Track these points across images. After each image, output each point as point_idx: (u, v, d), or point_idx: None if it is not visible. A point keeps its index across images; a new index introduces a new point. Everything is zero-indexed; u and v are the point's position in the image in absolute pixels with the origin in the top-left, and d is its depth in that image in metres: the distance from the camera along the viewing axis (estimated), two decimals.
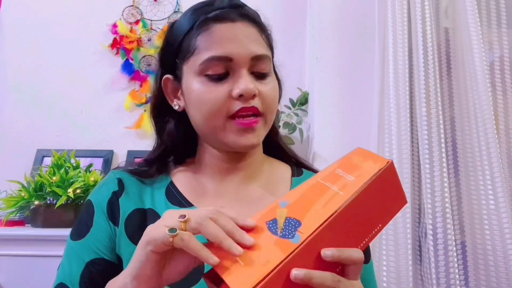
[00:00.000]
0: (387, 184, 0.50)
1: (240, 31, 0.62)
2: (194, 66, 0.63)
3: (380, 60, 1.40)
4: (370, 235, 0.48)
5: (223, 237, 0.43)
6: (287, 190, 0.71)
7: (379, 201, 0.49)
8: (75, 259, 0.63)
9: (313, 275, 0.41)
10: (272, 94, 0.64)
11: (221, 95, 0.61)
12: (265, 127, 0.65)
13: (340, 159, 0.53)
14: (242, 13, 0.64)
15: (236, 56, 0.61)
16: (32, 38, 1.87)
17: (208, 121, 0.63)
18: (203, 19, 0.63)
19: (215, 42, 0.61)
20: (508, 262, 1.17)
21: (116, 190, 0.66)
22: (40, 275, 1.34)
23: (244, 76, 0.61)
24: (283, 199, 0.49)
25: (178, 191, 0.67)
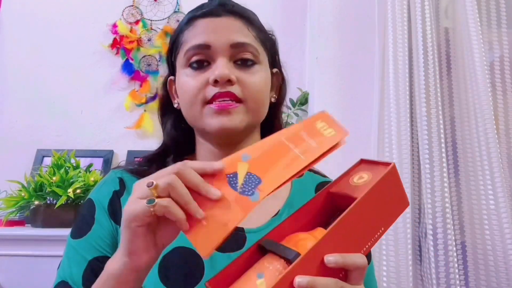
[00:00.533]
0: (389, 187, 0.50)
1: (222, 24, 0.64)
2: (181, 60, 0.65)
3: (380, 60, 1.40)
4: (373, 239, 0.48)
5: (187, 201, 0.43)
6: (287, 190, 0.71)
7: (382, 205, 0.49)
8: (76, 257, 0.62)
9: (316, 282, 0.41)
10: (256, 83, 0.64)
11: (200, 82, 0.62)
12: (247, 113, 0.63)
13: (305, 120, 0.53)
14: (229, 9, 0.66)
15: (214, 43, 0.62)
16: (32, 38, 1.87)
17: (190, 109, 0.64)
18: (190, 16, 0.67)
19: (196, 33, 0.64)
20: (508, 262, 1.17)
21: (117, 189, 0.66)
22: (40, 275, 1.34)
23: (220, 62, 0.62)
24: (245, 152, 0.48)
25: None
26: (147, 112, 1.79)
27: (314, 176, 0.76)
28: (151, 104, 1.80)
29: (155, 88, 1.81)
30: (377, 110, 1.38)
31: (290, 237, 0.48)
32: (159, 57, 1.84)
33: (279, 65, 0.74)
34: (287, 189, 0.71)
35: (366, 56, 1.48)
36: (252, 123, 0.66)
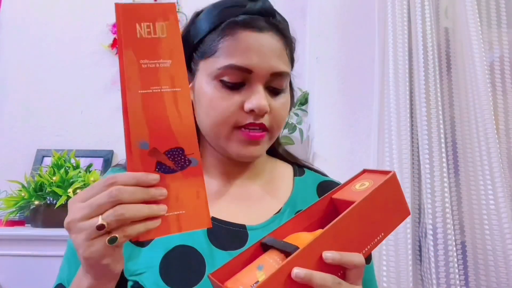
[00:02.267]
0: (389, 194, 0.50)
1: (265, 43, 0.60)
2: (211, 68, 0.61)
3: (380, 60, 1.40)
4: (372, 243, 0.49)
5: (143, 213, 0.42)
6: (289, 189, 0.71)
7: (382, 210, 0.50)
8: (74, 260, 0.62)
9: (313, 275, 0.41)
10: (283, 111, 0.64)
11: (233, 105, 0.59)
12: (269, 141, 0.64)
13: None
14: (271, 22, 0.62)
15: (257, 69, 0.59)
16: (32, 38, 1.87)
17: (215, 128, 0.61)
18: (230, 21, 0.61)
19: (238, 50, 0.59)
20: (508, 262, 1.17)
21: None
22: (40, 275, 1.34)
23: (259, 91, 0.60)
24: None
25: None
26: None
27: (315, 175, 0.76)
28: None
29: None
30: (377, 110, 1.38)
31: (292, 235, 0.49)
32: None
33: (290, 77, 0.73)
34: (289, 188, 0.71)
35: (366, 56, 1.48)
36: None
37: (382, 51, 1.39)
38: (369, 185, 0.52)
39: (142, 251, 0.61)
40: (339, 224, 0.45)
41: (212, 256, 0.59)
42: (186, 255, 0.59)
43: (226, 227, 0.63)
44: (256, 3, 0.62)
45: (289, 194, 0.70)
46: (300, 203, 0.69)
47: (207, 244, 0.60)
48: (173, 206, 0.44)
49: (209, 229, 0.61)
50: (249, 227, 0.63)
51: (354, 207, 0.46)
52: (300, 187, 0.72)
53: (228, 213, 0.64)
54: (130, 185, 0.42)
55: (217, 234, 0.62)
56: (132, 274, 0.60)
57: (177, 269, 0.58)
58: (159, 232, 0.43)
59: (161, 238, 0.59)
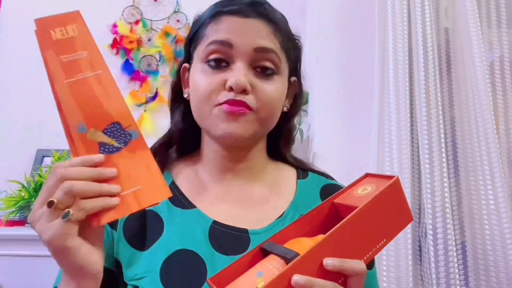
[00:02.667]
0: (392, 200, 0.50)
1: (249, 25, 0.61)
2: (199, 54, 0.63)
3: (380, 60, 1.40)
4: (374, 249, 0.48)
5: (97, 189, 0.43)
6: (292, 192, 0.70)
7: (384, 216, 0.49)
8: None
9: (314, 282, 0.41)
10: (271, 93, 0.62)
11: (215, 83, 0.60)
12: (256, 122, 0.61)
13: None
14: (258, 11, 0.62)
15: (237, 43, 0.60)
16: (32, 38, 1.86)
17: (199, 107, 0.62)
18: (217, 10, 0.63)
19: (220, 29, 0.61)
20: (508, 262, 1.17)
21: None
22: (40, 275, 1.34)
23: (239, 68, 0.59)
24: None
25: (180, 192, 0.66)
26: (147, 112, 1.79)
27: (319, 178, 0.75)
28: (151, 104, 1.80)
29: (155, 88, 1.82)
30: (377, 110, 1.38)
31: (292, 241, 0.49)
32: (159, 57, 1.84)
33: (299, 74, 0.72)
34: (292, 191, 0.70)
35: (366, 56, 1.48)
36: (259, 133, 0.64)
37: (382, 51, 1.39)
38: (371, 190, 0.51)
39: (142, 255, 0.60)
40: (341, 230, 0.45)
41: (214, 261, 0.58)
42: (187, 260, 0.58)
43: (228, 232, 0.62)
44: None
45: (292, 198, 0.69)
46: (303, 207, 0.67)
47: (208, 249, 0.59)
48: (127, 184, 0.45)
49: (211, 234, 0.61)
50: (251, 231, 0.62)
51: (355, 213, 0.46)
52: (304, 191, 0.70)
53: (230, 217, 0.63)
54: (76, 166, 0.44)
55: (219, 239, 0.61)
56: (132, 278, 0.59)
57: (178, 273, 0.57)
58: (120, 211, 0.44)
59: (161, 242, 0.60)
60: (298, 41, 0.71)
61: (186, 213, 0.63)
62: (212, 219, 0.63)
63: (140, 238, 0.61)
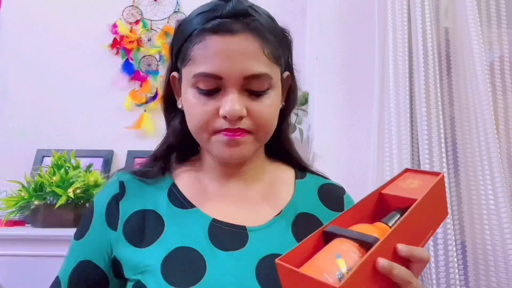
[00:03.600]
0: (438, 194, 0.54)
1: (236, 47, 0.58)
2: (188, 77, 0.61)
3: (380, 60, 1.40)
4: (425, 239, 0.52)
5: None
6: (290, 191, 0.71)
7: (432, 209, 0.53)
8: (72, 257, 0.66)
9: (394, 266, 0.43)
10: (265, 113, 0.61)
11: (208, 111, 0.60)
12: (254, 142, 0.63)
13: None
14: (245, 22, 0.59)
15: (227, 75, 0.58)
16: (32, 38, 1.87)
17: (197, 134, 0.63)
18: (200, 28, 0.59)
19: (207, 57, 0.58)
20: (508, 262, 1.17)
21: (117, 193, 0.66)
22: (40, 275, 1.34)
23: (231, 96, 0.58)
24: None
25: (180, 193, 0.67)
26: (147, 112, 1.79)
27: (316, 178, 0.76)
28: (151, 104, 1.80)
29: (155, 88, 1.82)
30: (377, 110, 1.38)
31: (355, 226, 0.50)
32: (159, 57, 1.84)
33: (292, 68, 0.71)
34: (291, 190, 0.71)
35: (366, 56, 1.48)
36: (260, 147, 0.66)
37: (382, 51, 1.39)
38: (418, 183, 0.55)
39: (143, 252, 0.61)
40: (407, 219, 0.47)
41: (213, 257, 0.60)
42: (187, 256, 0.60)
43: (227, 229, 0.63)
44: (227, 4, 0.60)
45: (290, 197, 0.70)
46: (301, 206, 0.69)
47: (208, 245, 0.61)
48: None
49: (210, 231, 0.62)
50: (250, 228, 0.63)
51: (417, 204, 0.49)
52: (302, 190, 0.72)
53: (229, 215, 0.65)
54: None
55: (218, 236, 0.62)
56: (134, 273, 0.60)
57: (178, 268, 0.59)
58: None
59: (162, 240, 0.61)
60: (287, 35, 0.68)
61: (186, 213, 0.65)
62: (211, 217, 0.64)
63: (140, 236, 0.63)
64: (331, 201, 0.72)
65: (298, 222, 0.66)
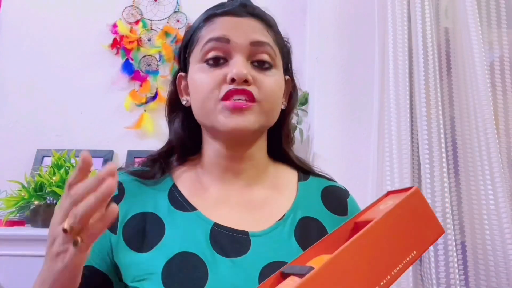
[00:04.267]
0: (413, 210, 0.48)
1: (243, 23, 0.64)
2: (196, 56, 0.64)
3: (380, 60, 1.40)
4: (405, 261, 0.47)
5: (94, 200, 0.43)
6: (292, 194, 0.69)
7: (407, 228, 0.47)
8: None
9: None
10: (272, 85, 0.63)
11: (216, 79, 0.61)
12: (260, 114, 0.62)
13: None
14: (250, 11, 0.65)
15: (234, 39, 0.62)
16: (32, 38, 1.87)
17: (202, 105, 0.63)
18: (210, 13, 0.66)
19: (215, 28, 0.63)
20: (508, 262, 1.17)
21: (116, 195, 0.64)
22: None
23: (238, 60, 0.61)
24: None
25: (181, 194, 0.65)
26: (147, 112, 1.79)
27: (320, 180, 0.74)
28: (151, 104, 1.80)
29: (155, 88, 1.82)
30: (377, 110, 1.38)
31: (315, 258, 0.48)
32: (159, 57, 1.84)
33: (291, 73, 0.74)
34: (293, 193, 0.70)
35: (366, 56, 1.48)
36: (264, 125, 0.65)
37: (382, 51, 1.39)
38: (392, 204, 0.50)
39: (143, 257, 0.60)
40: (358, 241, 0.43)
41: (215, 263, 0.58)
42: (188, 262, 0.58)
43: (229, 234, 0.61)
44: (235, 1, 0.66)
45: (293, 200, 0.68)
46: (304, 210, 0.67)
47: (209, 251, 0.59)
48: None
49: (212, 236, 0.61)
50: (252, 233, 0.62)
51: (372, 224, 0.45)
52: (304, 193, 0.70)
53: (231, 220, 0.63)
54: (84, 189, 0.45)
55: (220, 241, 0.60)
56: (133, 280, 0.59)
57: (180, 275, 0.57)
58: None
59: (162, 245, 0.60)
60: (287, 42, 0.73)
61: (187, 216, 0.63)
62: (213, 221, 0.62)
63: (140, 241, 0.61)
64: (334, 204, 0.70)
65: (301, 227, 0.65)
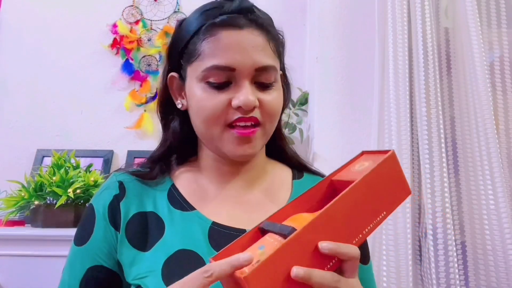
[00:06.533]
0: (389, 173, 0.50)
1: (246, 40, 0.60)
2: (197, 71, 0.62)
3: (380, 60, 1.40)
4: (374, 223, 0.48)
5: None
6: (287, 193, 0.70)
7: (382, 189, 0.49)
8: (77, 264, 0.64)
9: (312, 274, 0.41)
10: (274, 104, 0.63)
11: (221, 103, 0.60)
12: (263, 136, 0.64)
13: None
14: (251, 18, 0.62)
15: (240, 67, 0.60)
16: (32, 38, 1.87)
17: (207, 128, 0.62)
18: (210, 23, 0.61)
19: (219, 50, 0.60)
20: (508, 262, 1.17)
21: (117, 193, 0.66)
22: (40, 275, 1.34)
23: (245, 87, 0.60)
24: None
25: (180, 194, 0.67)
26: (147, 112, 1.79)
27: (314, 177, 0.76)
28: (151, 104, 1.80)
29: (155, 88, 1.82)
30: (377, 110, 1.38)
31: (292, 217, 0.49)
32: (159, 57, 1.84)
33: (284, 68, 0.73)
34: (288, 192, 0.71)
35: (366, 56, 1.48)
36: (266, 142, 0.66)
37: (382, 51, 1.39)
38: (369, 165, 0.52)
39: (145, 256, 0.61)
40: (338, 204, 0.45)
41: None
42: (187, 259, 0.59)
43: (227, 232, 0.63)
44: (233, 2, 0.63)
45: (288, 197, 0.70)
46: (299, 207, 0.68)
47: (208, 249, 0.60)
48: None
49: (210, 234, 0.62)
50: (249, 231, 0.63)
51: (352, 187, 0.46)
52: (299, 191, 0.70)
53: (229, 218, 0.64)
54: (226, 273, 0.43)
55: (218, 239, 0.61)
56: (135, 278, 0.60)
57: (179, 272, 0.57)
58: None
59: (162, 243, 0.61)
60: (282, 36, 0.70)
61: (186, 215, 0.64)
62: (211, 220, 0.64)
63: (142, 239, 0.62)
64: None
65: None
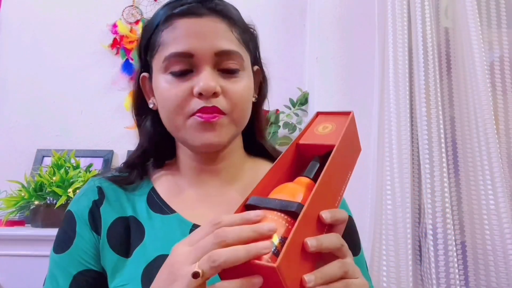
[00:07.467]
0: (351, 134, 0.53)
1: (205, 26, 0.58)
2: (159, 63, 0.60)
3: (380, 60, 1.40)
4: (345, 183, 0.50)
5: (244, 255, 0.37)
6: None
7: (348, 151, 0.52)
8: (61, 273, 0.62)
9: (321, 240, 0.41)
10: (240, 92, 0.60)
11: (183, 92, 0.58)
12: (230, 126, 0.60)
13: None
14: (210, 7, 0.60)
15: (198, 52, 0.57)
16: (32, 38, 1.87)
17: (171, 119, 0.60)
18: (168, 14, 0.60)
19: (176, 37, 0.58)
20: (508, 262, 1.17)
21: (96, 199, 0.64)
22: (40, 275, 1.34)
23: (205, 73, 0.57)
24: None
25: (159, 197, 0.65)
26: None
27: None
28: None
29: None
30: (377, 110, 1.38)
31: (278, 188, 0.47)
32: None
33: (260, 62, 0.70)
34: None
35: (366, 56, 1.48)
36: (236, 134, 0.63)
37: (382, 51, 1.39)
38: (333, 127, 0.53)
39: (127, 262, 0.59)
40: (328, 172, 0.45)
41: None
42: None
43: None
44: None
45: None
46: None
47: None
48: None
49: None
50: None
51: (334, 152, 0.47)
52: None
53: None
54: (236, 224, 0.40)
55: None
56: (116, 286, 0.59)
57: None
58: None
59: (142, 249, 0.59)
60: (253, 30, 0.68)
61: (165, 218, 0.63)
62: (192, 222, 0.62)
63: (124, 245, 0.61)
64: None
65: None
